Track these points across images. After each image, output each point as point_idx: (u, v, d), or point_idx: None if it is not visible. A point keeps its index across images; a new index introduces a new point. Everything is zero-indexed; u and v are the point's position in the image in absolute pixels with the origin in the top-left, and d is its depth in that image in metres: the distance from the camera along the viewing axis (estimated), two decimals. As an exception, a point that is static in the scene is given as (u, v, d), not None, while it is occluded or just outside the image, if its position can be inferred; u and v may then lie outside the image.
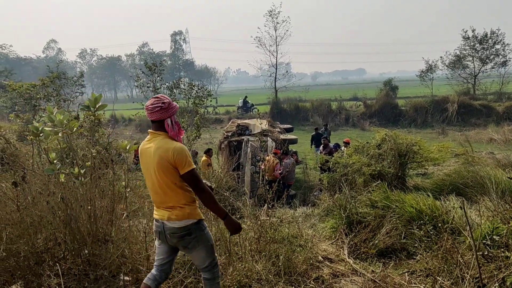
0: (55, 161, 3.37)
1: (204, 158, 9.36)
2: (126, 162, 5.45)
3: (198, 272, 3.55)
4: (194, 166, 2.53)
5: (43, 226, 3.36)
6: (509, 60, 27.63)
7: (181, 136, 2.68)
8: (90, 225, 3.34)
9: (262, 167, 8.63)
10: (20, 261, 3.10)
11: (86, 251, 3.31)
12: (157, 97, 2.58)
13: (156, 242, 2.79)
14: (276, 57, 30.65)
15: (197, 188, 2.53)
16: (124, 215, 3.79)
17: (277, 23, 29.31)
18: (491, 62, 27.84)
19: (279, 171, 8.85)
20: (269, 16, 29.17)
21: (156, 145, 2.52)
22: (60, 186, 3.39)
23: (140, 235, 3.70)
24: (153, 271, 2.78)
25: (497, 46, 27.66)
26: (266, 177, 8.32)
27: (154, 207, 2.70)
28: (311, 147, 14.35)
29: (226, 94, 69.74)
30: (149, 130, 2.64)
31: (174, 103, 2.64)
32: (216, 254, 2.82)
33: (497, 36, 27.49)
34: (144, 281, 2.75)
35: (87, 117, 7.19)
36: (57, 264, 3.14)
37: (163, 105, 2.53)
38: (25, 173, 3.90)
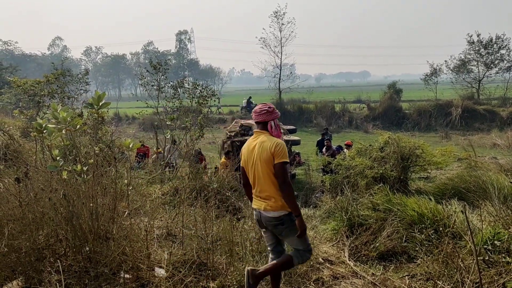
0: (58, 158, 3.38)
1: (223, 159, 9.60)
2: (129, 160, 5.46)
3: (198, 272, 3.56)
4: (288, 161, 2.86)
5: (45, 222, 3.37)
6: (514, 65, 27.51)
7: (280, 138, 3.07)
8: (91, 222, 3.34)
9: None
10: (21, 257, 3.12)
11: (87, 248, 3.32)
12: (264, 103, 3.09)
13: (262, 231, 3.21)
14: (281, 58, 30.66)
15: (283, 181, 2.82)
16: (126, 213, 3.80)
17: (282, 24, 29.33)
18: (495, 67, 27.72)
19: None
20: (274, 17, 29.20)
21: (261, 140, 2.96)
22: (63, 183, 3.40)
23: (141, 233, 3.71)
24: (270, 255, 3.18)
25: (502, 51, 27.57)
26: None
27: (253, 198, 3.08)
28: (316, 150, 14.26)
29: (230, 94, 69.72)
30: (254, 130, 3.11)
31: (277, 110, 3.11)
32: (310, 241, 3.11)
33: (502, 41, 27.38)
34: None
35: (90, 114, 7.22)
36: (58, 260, 3.16)
37: (269, 109, 3.03)
38: (28, 170, 3.92)
